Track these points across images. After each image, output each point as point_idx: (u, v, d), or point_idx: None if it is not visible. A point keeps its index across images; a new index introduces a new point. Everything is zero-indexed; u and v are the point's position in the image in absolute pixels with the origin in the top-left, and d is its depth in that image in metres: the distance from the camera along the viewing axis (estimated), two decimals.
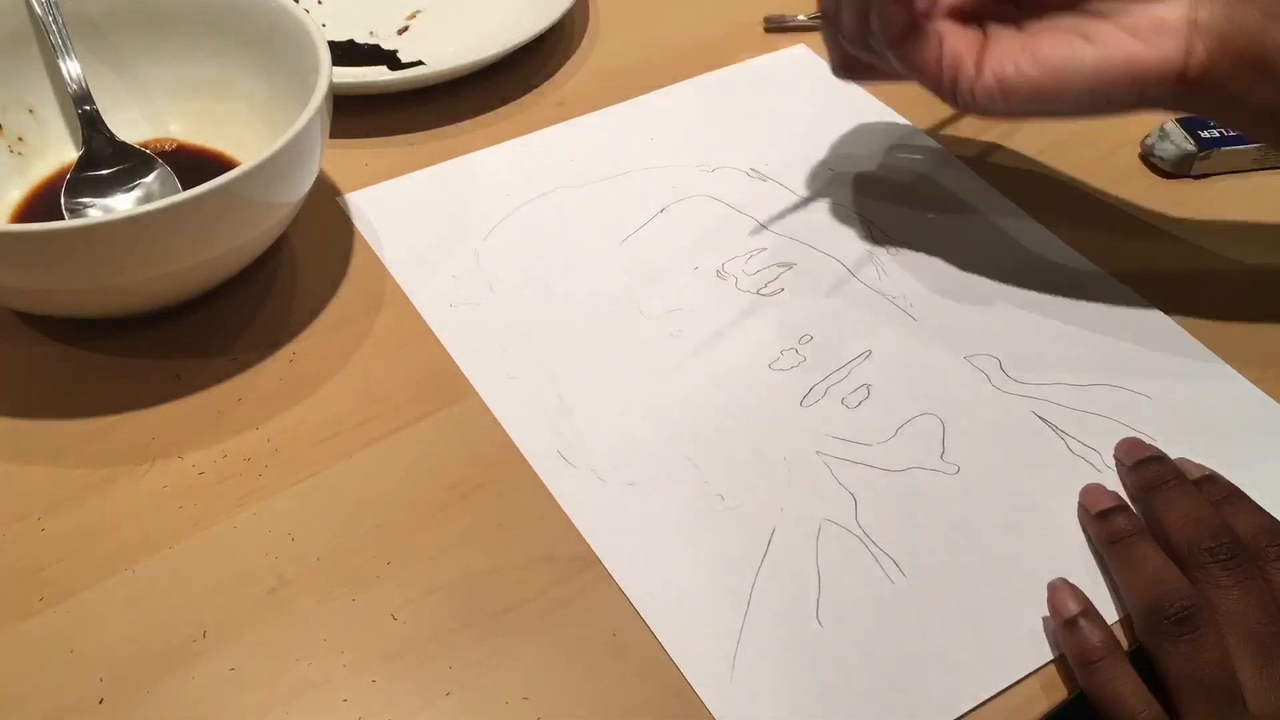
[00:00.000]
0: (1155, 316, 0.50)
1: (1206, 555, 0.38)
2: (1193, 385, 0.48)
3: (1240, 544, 0.39)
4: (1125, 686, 0.37)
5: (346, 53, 0.64)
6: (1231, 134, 0.58)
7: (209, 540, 0.41)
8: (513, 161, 0.58)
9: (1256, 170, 0.59)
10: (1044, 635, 0.39)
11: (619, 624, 0.39)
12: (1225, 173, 0.58)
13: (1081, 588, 0.40)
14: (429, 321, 0.49)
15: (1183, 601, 0.37)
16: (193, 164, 0.53)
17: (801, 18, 0.67)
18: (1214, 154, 0.58)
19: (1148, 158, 0.59)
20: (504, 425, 0.45)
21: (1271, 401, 0.47)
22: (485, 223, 0.54)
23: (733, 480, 0.43)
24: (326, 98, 0.46)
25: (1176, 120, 0.59)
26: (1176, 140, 0.58)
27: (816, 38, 0.66)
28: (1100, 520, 0.41)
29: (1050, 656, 0.39)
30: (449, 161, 0.57)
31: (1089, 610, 0.39)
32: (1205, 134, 0.58)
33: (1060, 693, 0.38)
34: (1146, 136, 0.59)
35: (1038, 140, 0.60)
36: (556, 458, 0.44)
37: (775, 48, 0.66)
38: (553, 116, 0.61)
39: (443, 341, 0.48)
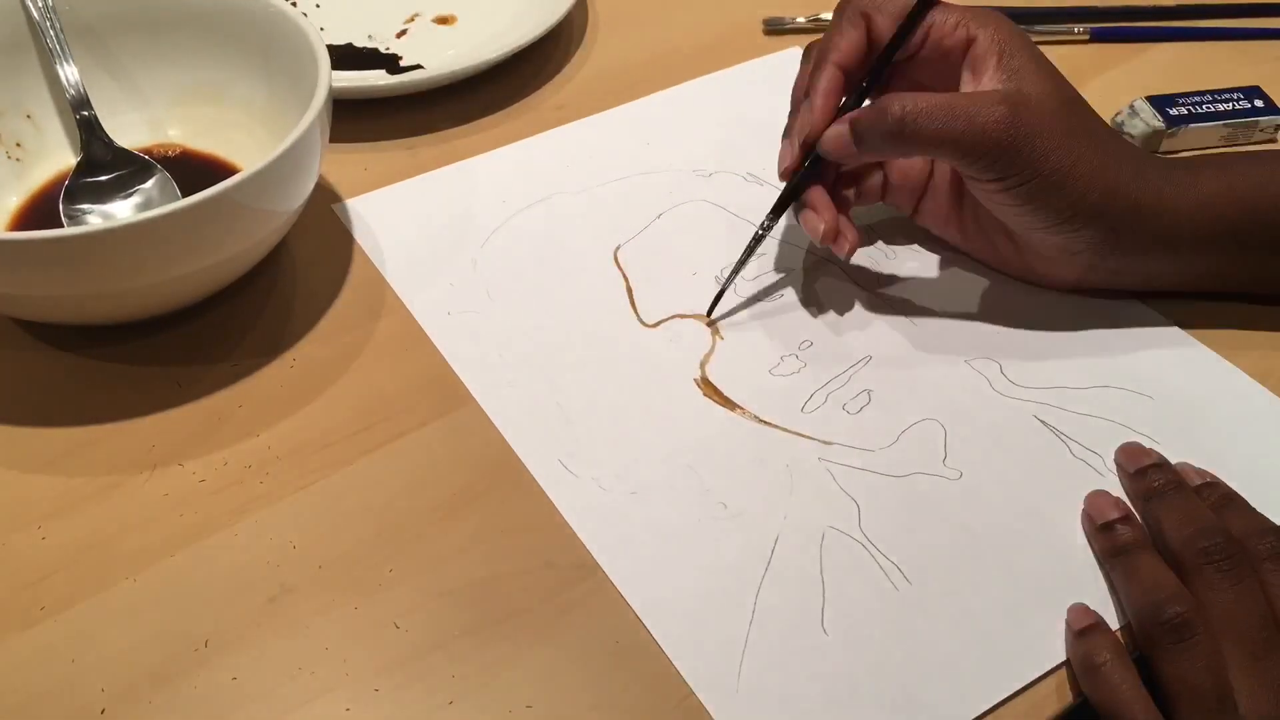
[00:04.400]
0: (1154, 316, 0.50)
1: (1201, 557, 0.38)
2: (1194, 385, 0.47)
3: (1236, 545, 0.39)
4: (1127, 692, 0.37)
5: (345, 56, 0.64)
6: (1199, 111, 0.59)
7: (210, 548, 0.41)
8: (511, 167, 0.57)
9: (1224, 148, 0.59)
10: (1049, 640, 0.39)
11: (622, 632, 0.39)
12: (1193, 150, 0.59)
13: (1085, 593, 0.40)
14: (426, 329, 0.49)
15: (1178, 609, 0.37)
16: (191, 169, 0.53)
17: (801, 20, 0.67)
18: (1181, 131, 0.58)
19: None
20: (504, 433, 0.45)
21: (1275, 399, 0.47)
22: (483, 230, 0.54)
23: (735, 488, 0.43)
24: (326, 103, 0.46)
25: (1146, 98, 0.60)
26: (1145, 117, 0.59)
27: (816, 39, 0.66)
28: (1103, 532, 0.41)
29: (1056, 662, 0.39)
30: (447, 167, 0.57)
31: (1097, 621, 0.39)
32: (1173, 111, 0.59)
33: (1065, 698, 0.38)
34: (1117, 114, 0.60)
35: None
36: (557, 466, 0.44)
37: (774, 50, 0.66)
38: (551, 120, 0.60)
39: (440, 350, 0.48)
